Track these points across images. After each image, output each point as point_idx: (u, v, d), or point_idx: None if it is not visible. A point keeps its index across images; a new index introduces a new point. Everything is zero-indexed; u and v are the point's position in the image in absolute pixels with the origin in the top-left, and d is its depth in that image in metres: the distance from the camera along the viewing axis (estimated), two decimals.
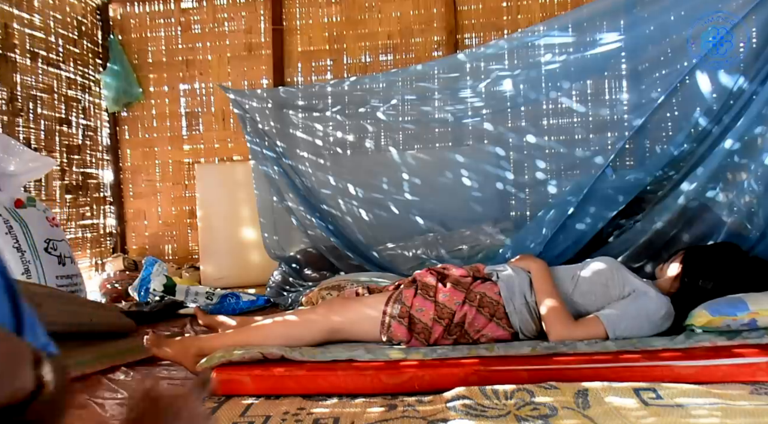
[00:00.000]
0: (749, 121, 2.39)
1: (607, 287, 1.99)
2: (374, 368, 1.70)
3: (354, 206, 3.33)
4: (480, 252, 2.96)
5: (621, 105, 2.98)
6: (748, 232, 2.46)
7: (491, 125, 3.19)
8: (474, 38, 3.92)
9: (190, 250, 4.34)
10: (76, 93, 4.02)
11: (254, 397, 1.65)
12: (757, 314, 1.83)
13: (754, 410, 1.36)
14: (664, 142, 2.79)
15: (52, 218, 2.93)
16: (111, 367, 2.04)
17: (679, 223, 2.59)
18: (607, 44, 2.78)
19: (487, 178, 3.21)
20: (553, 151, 3.09)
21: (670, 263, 2.12)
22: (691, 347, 1.73)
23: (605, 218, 2.73)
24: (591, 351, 1.74)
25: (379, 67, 4.02)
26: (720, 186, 2.54)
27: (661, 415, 1.35)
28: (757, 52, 2.50)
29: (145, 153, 4.40)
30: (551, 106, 3.12)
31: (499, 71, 3.05)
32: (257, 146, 3.38)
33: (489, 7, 3.89)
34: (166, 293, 3.13)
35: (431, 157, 3.39)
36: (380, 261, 3.14)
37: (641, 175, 2.74)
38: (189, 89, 4.33)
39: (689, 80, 2.64)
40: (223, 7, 4.20)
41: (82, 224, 4.06)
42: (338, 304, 2.07)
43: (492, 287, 2.00)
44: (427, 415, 1.45)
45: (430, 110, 3.30)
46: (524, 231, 2.90)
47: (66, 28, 3.91)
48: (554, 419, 1.36)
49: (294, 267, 3.29)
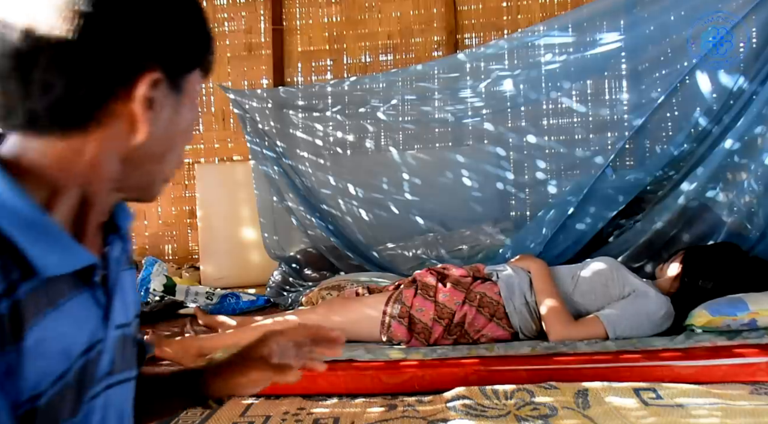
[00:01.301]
0: (749, 121, 2.39)
1: (607, 287, 1.99)
2: (374, 368, 1.70)
3: (354, 206, 3.33)
4: (480, 252, 2.96)
5: (621, 105, 2.98)
6: (748, 232, 2.46)
7: (491, 125, 3.19)
8: (474, 38, 3.91)
9: (190, 250, 4.34)
10: None
11: (254, 397, 1.65)
12: (757, 314, 1.83)
13: (754, 410, 1.36)
14: (664, 142, 2.79)
15: None
16: None
17: (679, 223, 2.59)
18: (607, 44, 2.78)
19: (487, 178, 3.21)
20: (553, 151, 3.09)
21: (670, 263, 2.12)
22: (691, 347, 1.73)
23: (605, 218, 2.73)
24: (591, 351, 1.74)
25: (379, 67, 4.01)
26: (720, 186, 2.54)
27: (661, 415, 1.35)
28: (757, 52, 2.50)
29: None
30: (551, 106, 3.12)
31: (499, 71, 3.05)
32: (257, 146, 3.38)
33: (489, 7, 3.88)
34: (166, 293, 3.12)
35: (431, 157, 3.39)
36: (380, 261, 3.14)
37: (641, 175, 2.74)
38: None
39: (689, 80, 2.64)
40: (223, 7, 4.20)
41: None
42: (338, 304, 2.07)
43: (492, 287, 2.00)
44: (427, 415, 1.45)
45: (430, 110, 3.30)
46: (524, 231, 2.90)
47: None
48: (554, 419, 1.36)
49: (294, 267, 3.29)
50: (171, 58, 0.58)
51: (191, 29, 0.60)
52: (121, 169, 0.60)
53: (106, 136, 0.56)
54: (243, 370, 0.80)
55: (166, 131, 0.60)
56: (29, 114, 0.54)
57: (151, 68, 0.56)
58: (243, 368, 0.80)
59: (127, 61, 0.55)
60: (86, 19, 0.52)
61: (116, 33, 0.54)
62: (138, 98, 0.55)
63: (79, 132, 0.55)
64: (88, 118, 0.55)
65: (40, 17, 0.52)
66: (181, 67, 0.60)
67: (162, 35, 0.57)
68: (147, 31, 0.55)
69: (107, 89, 0.55)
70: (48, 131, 0.55)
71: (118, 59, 0.54)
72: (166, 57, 0.57)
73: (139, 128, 0.57)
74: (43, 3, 0.52)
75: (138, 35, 0.55)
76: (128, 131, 0.57)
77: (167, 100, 0.59)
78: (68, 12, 0.52)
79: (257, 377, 0.79)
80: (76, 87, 0.53)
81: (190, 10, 0.60)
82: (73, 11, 0.52)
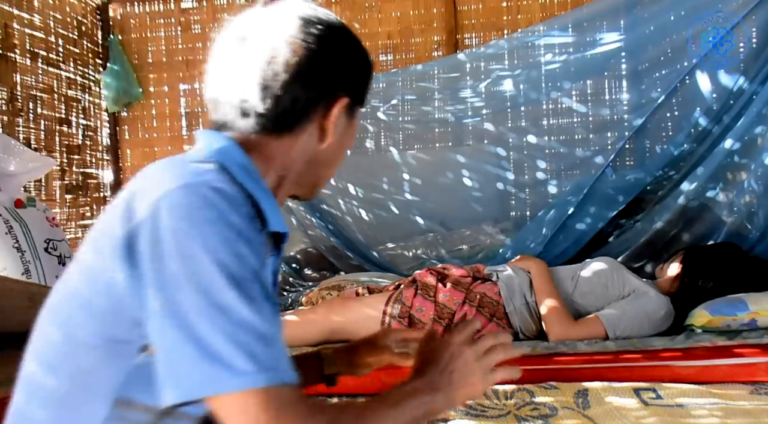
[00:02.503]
0: (749, 121, 2.39)
1: (607, 287, 1.99)
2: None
3: (354, 206, 3.33)
4: (480, 252, 2.96)
5: (621, 105, 2.98)
6: (748, 232, 2.46)
7: (491, 125, 3.19)
8: (474, 38, 3.91)
9: None
10: (76, 93, 4.02)
11: None
12: (757, 314, 1.83)
13: (754, 410, 1.36)
14: (664, 142, 2.80)
15: (52, 218, 2.93)
16: None
17: (679, 223, 2.59)
18: (607, 44, 2.78)
19: (488, 178, 3.21)
20: (554, 151, 3.09)
21: (670, 263, 2.12)
22: (691, 347, 1.73)
23: (605, 217, 2.73)
24: (591, 351, 1.74)
25: (379, 67, 4.01)
26: (720, 186, 2.54)
27: (661, 415, 1.35)
28: (757, 52, 2.50)
29: (145, 153, 4.39)
30: (551, 106, 3.12)
31: (499, 71, 3.05)
32: None
33: (489, 7, 3.88)
34: None
35: (431, 157, 3.39)
36: (380, 261, 3.14)
37: (641, 175, 2.74)
38: (189, 89, 4.32)
39: (689, 80, 2.64)
40: (223, 7, 4.20)
41: (82, 223, 4.06)
42: (338, 304, 2.07)
43: (492, 287, 2.00)
44: None
45: (431, 110, 3.30)
46: (524, 231, 2.90)
47: (66, 28, 3.91)
48: (554, 419, 1.36)
49: (294, 267, 3.29)
50: (355, 91, 0.81)
51: (368, 74, 0.84)
52: (305, 167, 0.80)
53: (303, 140, 0.78)
54: (370, 354, 1.06)
55: (337, 146, 0.81)
56: (260, 118, 0.74)
57: (344, 96, 0.78)
58: (370, 353, 1.06)
59: (333, 89, 0.77)
60: (311, 56, 0.74)
61: (330, 67, 0.76)
62: (332, 116, 0.77)
63: (290, 134, 0.77)
64: (298, 126, 0.76)
65: (279, 52, 0.73)
66: (357, 99, 0.82)
67: (355, 74, 0.81)
68: (349, 70, 0.80)
69: (316, 107, 0.77)
70: (270, 132, 0.76)
71: (329, 86, 0.77)
72: (353, 90, 0.80)
73: (327, 138, 0.78)
74: (281, 40, 0.74)
75: (343, 71, 0.79)
76: (318, 139, 0.78)
77: (342, 122, 0.80)
78: (298, 49, 0.74)
79: (381, 360, 1.06)
80: (297, 102, 0.75)
81: (368, 60, 0.83)
82: (302, 49, 0.74)
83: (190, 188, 0.64)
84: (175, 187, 0.64)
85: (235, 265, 0.61)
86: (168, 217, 0.62)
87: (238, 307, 0.59)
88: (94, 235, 0.70)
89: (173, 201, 0.63)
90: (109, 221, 0.67)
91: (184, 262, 0.60)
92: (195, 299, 0.59)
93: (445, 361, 0.83)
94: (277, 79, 0.73)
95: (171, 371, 0.59)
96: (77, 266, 0.71)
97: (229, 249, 0.61)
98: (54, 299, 0.71)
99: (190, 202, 0.63)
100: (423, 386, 0.76)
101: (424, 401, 0.73)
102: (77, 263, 0.71)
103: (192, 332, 0.58)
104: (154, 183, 0.66)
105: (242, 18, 0.80)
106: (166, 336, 0.60)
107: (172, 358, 0.59)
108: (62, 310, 0.69)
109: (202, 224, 0.62)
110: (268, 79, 0.73)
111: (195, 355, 0.58)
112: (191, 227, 0.61)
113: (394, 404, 0.70)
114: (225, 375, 0.57)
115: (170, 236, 0.61)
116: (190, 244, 0.60)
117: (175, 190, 0.63)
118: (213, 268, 0.60)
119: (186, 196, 0.63)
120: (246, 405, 0.57)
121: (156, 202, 0.63)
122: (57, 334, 0.67)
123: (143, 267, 0.62)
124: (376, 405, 0.69)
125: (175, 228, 0.61)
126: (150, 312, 0.61)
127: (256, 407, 0.57)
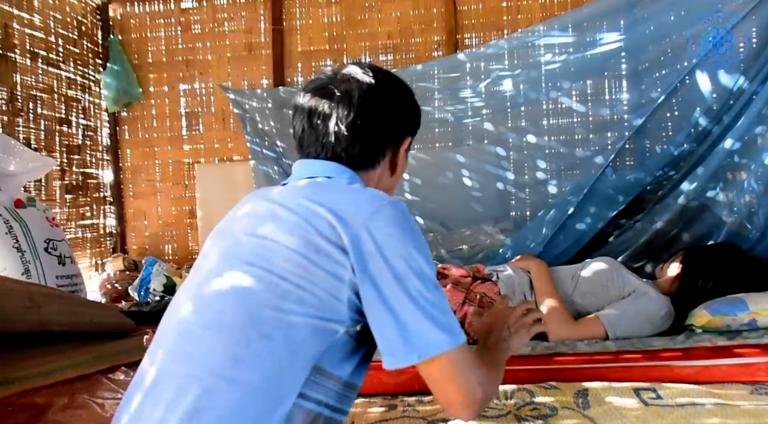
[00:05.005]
0: (749, 121, 2.39)
1: (607, 288, 1.98)
2: (374, 368, 1.69)
3: None
4: (480, 252, 2.96)
5: (621, 105, 2.98)
6: (748, 232, 2.46)
7: (491, 125, 3.19)
8: (474, 38, 3.91)
9: (190, 250, 4.34)
10: (76, 93, 4.02)
11: None
12: (757, 314, 1.83)
13: (754, 410, 1.36)
14: (664, 142, 2.79)
15: (52, 218, 2.93)
16: (111, 367, 2.04)
17: (679, 223, 2.59)
18: (607, 44, 2.78)
19: (488, 178, 3.21)
20: (553, 151, 3.09)
21: (670, 263, 2.12)
22: (691, 347, 1.72)
23: (605, 217, 2.73)
24: (591, 351, 1.74)
25: None
26: (720, 186, 2.54)
27: (661, 415, 1.35)
28: (757, 52, 2.50)
29: (145, 153, 4.39)
30: (551, 106, 3.12)
31: (499, 71, 3.06)
32: (257, 146, 3.38)
33: (489, 7, 3.88)
34: (166, 293, 3.12)
35: (431, 157, 3.39)
36: None
37: (641, 175, 2.74)
38: (189, 89, 4.32)
39: (689, 80, 2.64)
40: (223, 7, 4.20)
41: (82, 223, 4.06)
42: None
43: (492, 287, 2.00)
44: (427, 415, 1.45)
45: (431, 110, 3.30)
46: (524, 231, 2.90)
47: (66, 28, 3.91)
48: (554, 419, 1.36)
49: None
50: (414, 130, 1.08)
51: (420, 115, 1.10)
52: None
53: (379, 172, 1.03)
54: None
55: (399, 173, 1.07)
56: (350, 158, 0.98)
57: (408, 135, 1.06)
58: None
59: (403, 132, 1.04)
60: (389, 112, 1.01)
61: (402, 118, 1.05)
62: (402, 152, 1.05)
63: (373, 169, 1.02)
64: (379, 161, 1.02)
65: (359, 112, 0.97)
66: (413, 136, 1.08)
67: (414, 118, 1.08)
68: (412, 117, 1.07)
69: (391, 146, 1.03)
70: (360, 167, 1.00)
71: (401, 131, 1.04)
72: (413, 130, 1.08)
73: (397, 170, 1.06)
74: (365, 138, 0.99)
75: (409, 119, 1.06)
76: (389, 170, 1.04)
77: (404, 155, 1.06)
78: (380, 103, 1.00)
79: None
80: (379, 144, 1.01)
81: (418, 104, 1.09)
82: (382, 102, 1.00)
83: (395, 205, 0.87)
84: (385, 203, 0.86)
85: (429, 259, 0.86)
86: (386, 226, 0.84)
87: (439, 290, 0.85)
88: (290, 241, 0.85)
89: (387, 214, 0.85)
90: (315, 231, 0.84)
91: (406, 260, 0.82)
92: (419, 286, 0.82)
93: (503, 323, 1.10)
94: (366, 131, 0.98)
95: (407, 339, 0.81)
96: (271, 266, 0.85)
97: (425, 248, 0.86)
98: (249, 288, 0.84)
99: (397, 215, 0.86)
100: (499, 338, 1.06)
101: (503, 348, 1.04)
102: (261, 264, 0.86)
103: (424, 310, 0.81)
104: (351, 200, 0.87)
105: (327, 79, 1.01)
106: (404, 314, 0.81)
107: (411, 329, 0.81)
108: (263, 297, 0.83)
109: (411, 230, 0.86)
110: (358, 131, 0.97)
111: (431, 327, 0.81)
112: (404, 233, 0.85)
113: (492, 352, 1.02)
114: (448, 339, 0.82)
115: (393, 241, 0.83)
116: (406, 246, 0.83)
117: (385, 206, 0.86)
118: (424, 262, 0.84)
119: (394, 211, 0.86)
120: (455, 359, 0.83)
121: (372, 215, 0.84)
122: (270, 312, 0.81)
123: (370, 265, 0.81)
124: (488, 355, 1.00)
125: (394, 235, 0.83)
126: (377, 297, 0.81)
127: (459, 359, 0.84)
